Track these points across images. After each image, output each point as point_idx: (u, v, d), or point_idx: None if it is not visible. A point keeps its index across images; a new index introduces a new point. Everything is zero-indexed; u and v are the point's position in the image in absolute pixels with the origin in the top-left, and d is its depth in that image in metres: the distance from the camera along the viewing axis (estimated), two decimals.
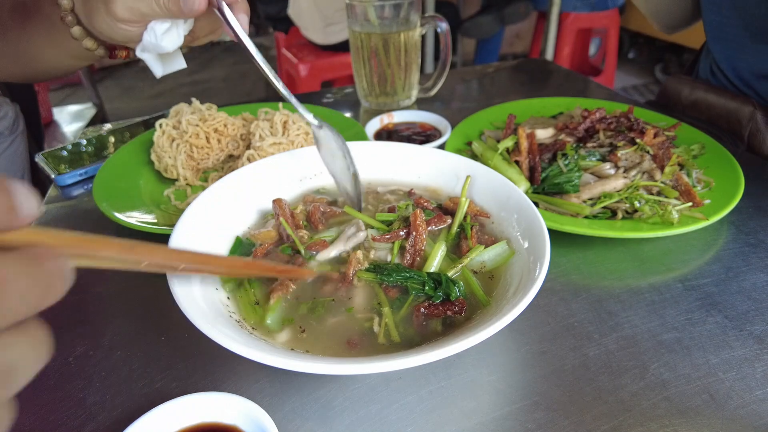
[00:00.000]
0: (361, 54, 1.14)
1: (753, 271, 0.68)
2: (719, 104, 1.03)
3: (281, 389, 0.53)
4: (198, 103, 0.95)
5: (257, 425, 0.44)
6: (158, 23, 0.63)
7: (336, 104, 1.28)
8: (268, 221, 0.66)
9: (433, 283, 0.54)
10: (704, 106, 1.07)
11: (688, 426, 0.48)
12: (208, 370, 0.55)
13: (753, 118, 0.94)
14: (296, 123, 0.90)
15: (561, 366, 0.55)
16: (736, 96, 1.01)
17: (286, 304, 0.55)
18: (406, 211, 0.64)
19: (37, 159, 0.99)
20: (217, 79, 4.97)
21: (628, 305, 0.63)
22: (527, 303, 0.45)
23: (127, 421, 0.44)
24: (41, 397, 0.53)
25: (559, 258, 0.71)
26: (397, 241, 0.60)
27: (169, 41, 0.65)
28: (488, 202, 0.67)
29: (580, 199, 0.76)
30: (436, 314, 0.52)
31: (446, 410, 0.51)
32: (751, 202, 0.79)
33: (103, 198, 0.78)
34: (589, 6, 3.40)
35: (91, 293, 0.67)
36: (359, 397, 0.52)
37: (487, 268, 0.59)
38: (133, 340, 0.60)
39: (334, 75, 2.92)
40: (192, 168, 0.89)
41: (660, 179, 0.77)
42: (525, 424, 0.49)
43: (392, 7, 1.08)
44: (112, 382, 0.54)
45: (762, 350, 0.56)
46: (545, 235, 0.54)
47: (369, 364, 0.40)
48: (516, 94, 1.30)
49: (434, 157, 0.74)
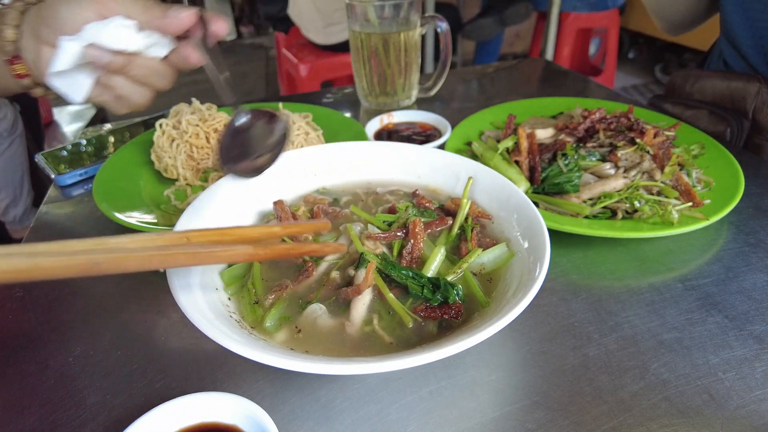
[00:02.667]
0: (361, 54, 1.14)
1: (753, 271, 0.68)
2: (724, 85, 1.02)
3: (281, 389, 0.53)
4: (198, 103, 0.95)
5: (258, 425, 0.44)
6: (122, 18, 0.59)
7: (336, 104, 1.28)
8: (268, 222, 0.66)
9: (431, 286, 0.54)
10: (710, 89, 1.06)
11: (688, 426, 0.48)
12: (208, 370, 0.55)
13: (759, 93, 0.93)
14: (296, 123, 0.90)
15: (561, 366, 0.55)
16: (743, 75, 1.00)
17: (285, 304, 0.55)
18: (406, 213, 0.64)
19: (37, 159, 0.99)
20: None
21: (628, 305, 0.63)
22: (527, 303, 0.45)
23: (127, 421, 0.44)
24: (41, 397, 0.53)
25: (559, 258, 0.71)
26: (396, 241, 0.61)
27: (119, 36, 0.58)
28: (488, 202, 0.67)
29: (580, 199, 0.76)
30: (433, 317, 0.52)
31: (446, 410, 0.51)
32: (751, 202, 0.79)
33: (103, 198, 0.78)
34: (589, 6, 3.40)
35: (91, 293, 0.67)
36: (359, 397, 0.52)
37: (487, 269, 0.59)
38: (133, 340, 0.60)
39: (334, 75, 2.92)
40: (192, 168, 0.89)
41: (660, 179, 0.77)
42: (525, 424, 0.49)
43: (392, 7, 1.08)
44: (112, 382, 0.54)
45: (762, 350, 0.56)
46: (545, 235, 0.54)
47: (369, 364, 0.40)
48: (516, 94, 1.30)
49: (434, 157, 0.74)
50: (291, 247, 0.49)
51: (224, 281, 0.57)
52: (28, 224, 1.64)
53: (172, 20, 0.60)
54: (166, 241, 0.40)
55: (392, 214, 0.66)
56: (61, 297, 0.67)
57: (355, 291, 0.53)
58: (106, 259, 0.34)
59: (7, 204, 2.42)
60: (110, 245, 0.36)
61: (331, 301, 0.55)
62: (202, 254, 0.40)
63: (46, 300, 0.66)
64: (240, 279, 0.58)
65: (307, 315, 0.53)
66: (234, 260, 0.46)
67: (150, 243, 0.39)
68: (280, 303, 0.54)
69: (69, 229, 0.82)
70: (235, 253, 0.43)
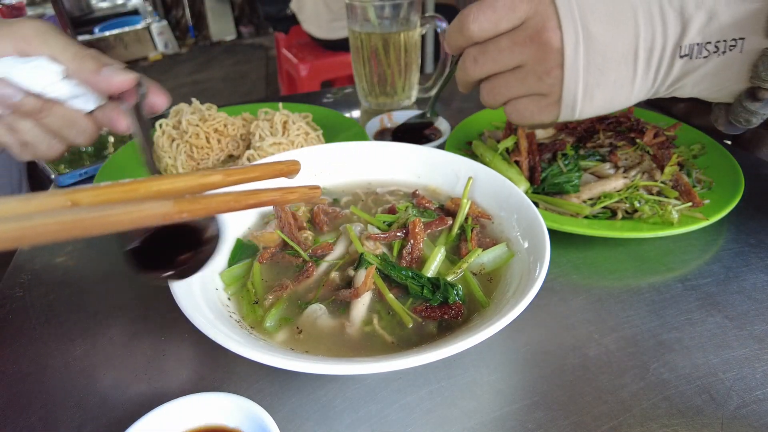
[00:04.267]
0: (361, 54, 1.14)
1: (753, 271, 0.68)
2: None
3: (281, 389, 0.53)
4: (198, 103, 0.95)
5: (259, 426, 0.44)
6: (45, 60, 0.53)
7: (336, 104, 1.28)
8: (268, 222, 0.66)
9: (431, 286, 0.54)
10: None
11: (688, 426, 0.48)
12: (208, 370, 0.55)
13: None
14: (296, 123, 0.90)
15: (561, 366, 0.55)
16: None
17: (285, 305, 0.55)
18: (406, 213, 0.64)
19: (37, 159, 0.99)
20: (217, 79, 4.97)
21: (628, 305, 0.63)
22: (527, 303, 0.45)
23: (128, 421, 0.44)
24: (41, 397, 0.53)
25: (559, 258, 0.71)
26: (396, 242, 0.61)
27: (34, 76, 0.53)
28: (488, 202, 0.67)
29: (580, 199, 0.76)
30: (433, 317, 0.52)
31: (446, 410, 0.51)
32: (751, 202, 0.79)
33: None
34: None
35: (91, 293, 0.67)
36: (359, 397, 0.52)
37: (487, 269, 0.59)
38: (133, 340, 0.60)
39: (334, 75, 2.93)
40: (192, 168, 0.89)
41: (660, 179, 0.77)
42: (525, 424, 0.49)
43: (392, 7, 1.08)
44: (113, 383, 0.54)
45: (762, 350, 0.56)
46: (545, 235, 0.54)
47: (369, 364, 0.40)
48: None
49: (434, 157, 0.74)
50: (232, 198, 0.34)
51: (224, 281, 0.57)
52: None
53: (104, 80, 0.54)
54: (40, 206, 0.29)
55: (392, 214, 0.67)
56: (61, 297, 0.67)
57: (353, 294, 0.53)
58: None
59: None
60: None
61: (330, 302, 0.55)
62: (88, 220, 0.29)
63: (46, 300, 0.66)
64: (240, 279, 0.58)
65: (307, 315, 0.53)
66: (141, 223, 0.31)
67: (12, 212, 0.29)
68: (280, 303, 0.54)
69: None
70: (144, 213, 0.30)
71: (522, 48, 0.56)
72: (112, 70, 0.55)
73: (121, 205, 0.30)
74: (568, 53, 0.54)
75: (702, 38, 0.54)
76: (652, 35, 0.54)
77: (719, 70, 0.56)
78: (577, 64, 0.55)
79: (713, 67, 0.56)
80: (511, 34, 0.57)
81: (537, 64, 0.56)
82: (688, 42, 0.54)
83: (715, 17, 0.53)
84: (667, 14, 0.54)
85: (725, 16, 0.53)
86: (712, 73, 0.56)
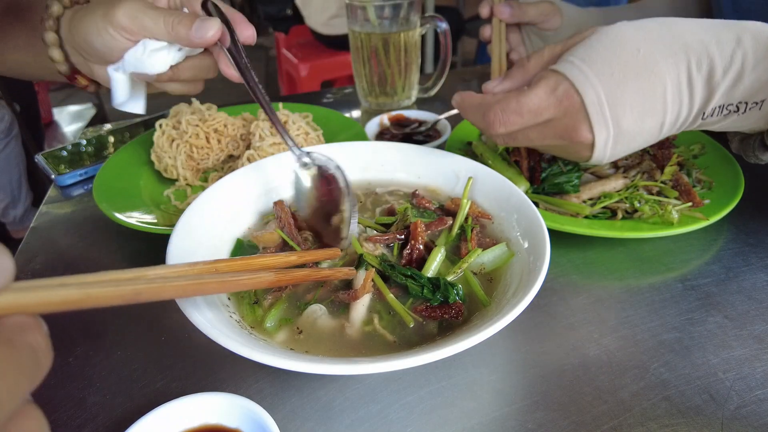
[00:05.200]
0: (361, 54, 1.14)
1: (753, 271, 0.68)
2: None
3: (281, 389, 0.53)
4: (198, 103, 0.94)
5: (259, 426, 0.44)
6: (152, 41, 0.62)
7: (336, 104, 1.28)
8: (268, 222, 0.66)
9: (431, 286, 0.54)
10: None
11: (688, 426, 0.48)
12: (208, 371, 0.55)
13: None
14: (296, 123, 0.90)
15: (561, 366, 0.55)
16: None
17: (285, 305, 0.55)
18: (405, 214, 0.64)
19: (37, 159, 0.99)
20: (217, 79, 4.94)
21: (628, 305, 0.63)
22: (527, 303, 0.45)
23: (128, 421, 0.44)
24: (41, 397, 0.53)
25: (559, 258, 0.71)
26: (396, 243, 0.61)
27: (156, 62, 0.62)
28: (488, 202, 0.67)
29: (580, 199, 0.76)
30: (433, 317, 0.52)
31: (446, 410, 0.51)
32: (751, 202, 0.79)
33: (103, 198, 0.78)
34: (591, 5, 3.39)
35: None
36: (359, 397, 0.52)
37: (487, 269, 0.59)
38: (133, 340, 0.60)
39: (334, 75, 2.93)
40: (192, 168, 0.89)
41: (660, 179, 0.77)
42: (525, 424, 0.49)
43: (392, 7, 1.08)
44: (113, 383, 0.54)
45: (762, 350, 0.56)
46: (545, 235, 0.54)
47: (369, 365, 0.40)
48: None
49: (434, 157, 0.74)
50: (308, 273, 0.53)
51: None
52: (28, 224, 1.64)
53: (199, 40, 0.61)
54: (198, 270, 0.45)
55: (391, 215, 0.66)
56: None
57: (352, 296, 0.53)
58: (147, 288, 0.36)
59: (6, 205, 2.42)
60: (150, 275, 0.39)
61: (328, 302, 0.55)
62: (230, 282, 0.44)
63: None
64: None
65: (307, 315, 0.53)
66: (258, 286, 0.50)
67: (184, 273, 0.44)
68: (280, 304, 0.54)
69: (69, 229, 0.82)
70: (259, 280, 0.47)
71: (552, 140, 0.60)
72: (201, 27, 0.60)
73: (247, 273, 0.47)
74: (599, 147, 0.58)
75: (725, 101, 0.55)
76: (678, 109, 0.56)
77: (737, 122, 0.58)
78: (606, 151, 0.59)
79: (732, 121, 0.58)
80: (540, 128, 0.60)
81: (566, 146, 0.61)
82: (712, 107, 0.55)
83: (740, 81, 0.53)
84: (695, 84, 0.54)
85: (750, 79, 0.53)
86: (729, 125, 0.59)
